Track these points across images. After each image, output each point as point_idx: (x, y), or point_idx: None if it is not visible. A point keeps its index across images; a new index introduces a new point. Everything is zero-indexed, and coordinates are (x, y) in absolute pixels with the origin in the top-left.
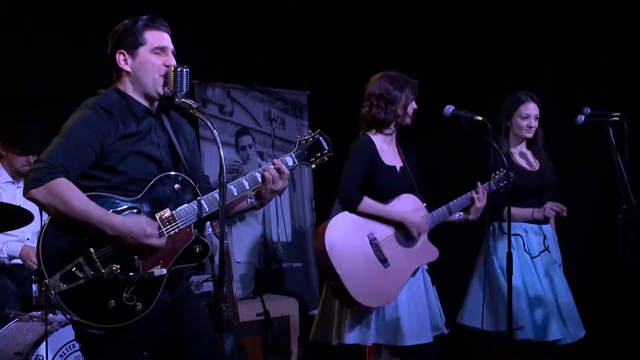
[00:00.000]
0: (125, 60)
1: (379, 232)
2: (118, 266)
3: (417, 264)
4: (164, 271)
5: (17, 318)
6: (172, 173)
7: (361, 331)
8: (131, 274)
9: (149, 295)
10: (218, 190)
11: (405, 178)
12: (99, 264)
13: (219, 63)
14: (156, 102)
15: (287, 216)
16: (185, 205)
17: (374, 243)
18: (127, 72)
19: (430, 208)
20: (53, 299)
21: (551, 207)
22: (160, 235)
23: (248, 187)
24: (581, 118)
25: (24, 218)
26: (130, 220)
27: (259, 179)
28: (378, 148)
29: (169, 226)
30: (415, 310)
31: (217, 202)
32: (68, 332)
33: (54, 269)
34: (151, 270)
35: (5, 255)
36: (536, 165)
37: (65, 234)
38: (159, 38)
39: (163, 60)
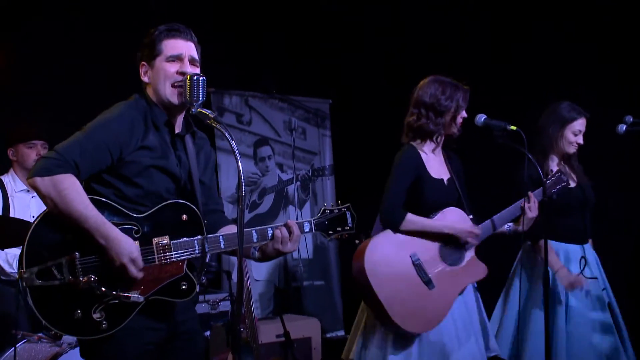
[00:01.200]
0: (145, 72)
1: (422, 251)
2: (97, 278)
3: (464, 283)
4: (141, 298)
5: (25, 339)
6: (184, 202)
7: (405, 357)
8: (107, 291)
9: (117, 317)
10: (223, 231)
11: (452, 191)
12: (80, 270)
13: (236, 70)
14: (179, 117)
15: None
16: (186, 238)
17: (417, 264)
18: (148, 84)
19: (477, 222)
20: (21, 290)
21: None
22: (151, 262)
23: (255, 240)
24: (622, 127)
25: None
26: (124, 239)
27: (269, 236)
28: (424, 159)
29: (162, 254)
30: (465, 333)
31: (218, 245)
32: (78, 354)
33: (34, 262)
34: (128, 294)
35: (16, 271)
36: (575, 180)
37: (57, 230)
38: (173, 46)
39: (177, 68)
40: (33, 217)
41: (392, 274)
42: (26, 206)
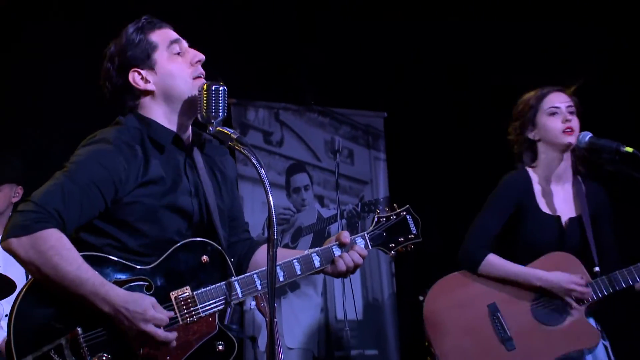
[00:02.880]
0: (143, 78)
1: (505, 300)
2: (110, 357)
3: (561, 349)
4: None
5: None
6: (202, 240)
7: None
8: None
9: None
10: (258, 262)
11: (572, 233)
12: (85, 349)
13: (263, 76)
14: (188, 130)
15: (356, 285)
16: (212, 286)
17: (495, 316)
18: (151, 92)
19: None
20: None
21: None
22: (173, 323)
23: (319, 265)
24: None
25: (1, 288)
26: (131, 297)
27: (335, 255)
28: (535, 186)
29: (185, 311)
30: None
31: (254, 286)
32: None
33: (26, 350)
34: None
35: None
36: None
37: (48, 304)
38: (166, 34)
39: (188, 59)
40: None
41: (458, 325)
42: None
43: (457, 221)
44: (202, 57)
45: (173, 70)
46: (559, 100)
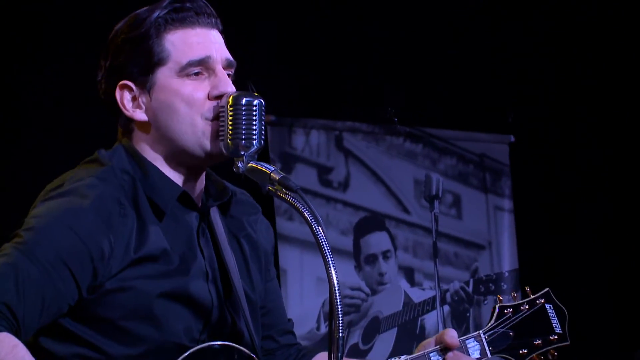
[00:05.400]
0: (135, 99)
1: None
2: None
3: None
4: None
5: None
6: (224, 344)
7: None
8: None
9: None
10: None
11: None
12: None
13: (317, 80)
14: (202, 180)
15: None
16: None
17: None
18: (141, 124)
19: None
20: None
21: None
22: None
23: None
24: None
25: None
26: None
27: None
28: None
29: None
30: None
31: None
32: None
33: None
34: None
35: None
36: None
37: None
38: (192, 42)
39: (206, 88)
40: None
41: None
42: None
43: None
44: (231, 90)
45: (174, 103)
46: None
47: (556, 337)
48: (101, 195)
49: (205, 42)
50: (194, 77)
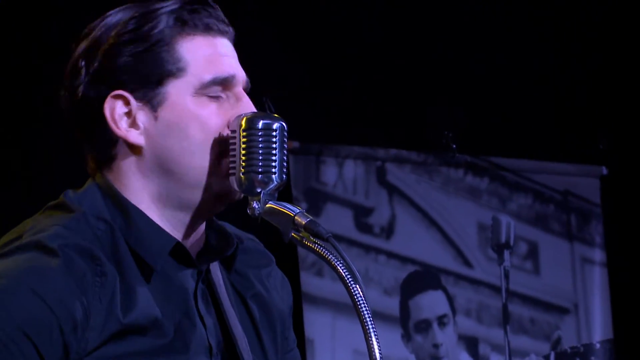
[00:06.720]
0: (130, 114)
1: None
2: None
3: None
4: None
5: None
6: None
7: None
8: None
9: None
10: None
11: None
12: None
13: (353, 100)
14: (201, 231)
15: None
16: None
17: None
18: (137, 149)
19: None
20: None
21: None
22: None
23: None
24: None
25: None
26: None
27: None
28: None
29: None
30: None
31: None
32: None
33: None
34: None
35: None
36: None
37: None
38: (217, 54)
39: (229, 112)
40: None
41: None
42: None
43: None
44: (250, 111)
45: (188, 127)
46: None
47: None
48: (71, 250)
49: (230, 57)
50: (214, 99)
